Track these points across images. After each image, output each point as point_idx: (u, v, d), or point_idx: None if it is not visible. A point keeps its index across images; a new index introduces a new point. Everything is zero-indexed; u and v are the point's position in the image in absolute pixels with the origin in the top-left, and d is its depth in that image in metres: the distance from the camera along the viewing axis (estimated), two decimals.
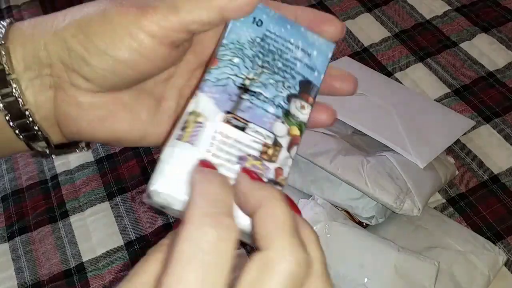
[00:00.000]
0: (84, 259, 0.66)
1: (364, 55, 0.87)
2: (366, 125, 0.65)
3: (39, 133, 0.27)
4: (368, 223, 0.62)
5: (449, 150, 0.71)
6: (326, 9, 0.96)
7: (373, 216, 0.61)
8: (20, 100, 0.26)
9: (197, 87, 0.26)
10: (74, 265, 0.65)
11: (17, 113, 0.26)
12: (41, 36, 0.26)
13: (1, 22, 0.27)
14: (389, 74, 0.83)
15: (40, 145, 0.28)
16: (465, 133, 0.73)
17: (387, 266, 0.54)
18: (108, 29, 0.25)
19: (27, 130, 0.27)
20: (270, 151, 0.25)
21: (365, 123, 0.65)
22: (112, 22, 0.25)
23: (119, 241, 0.67)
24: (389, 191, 0.58)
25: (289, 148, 0.26)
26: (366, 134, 0.65)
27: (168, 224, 0.68)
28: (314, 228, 0.57)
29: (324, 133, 0.65)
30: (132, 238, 0.67)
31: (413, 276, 0.54)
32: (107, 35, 0.24)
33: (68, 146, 0.30)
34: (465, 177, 0.70)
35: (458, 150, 0.73)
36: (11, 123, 0.26)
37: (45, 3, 1.04)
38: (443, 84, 0.81)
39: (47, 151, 0.28)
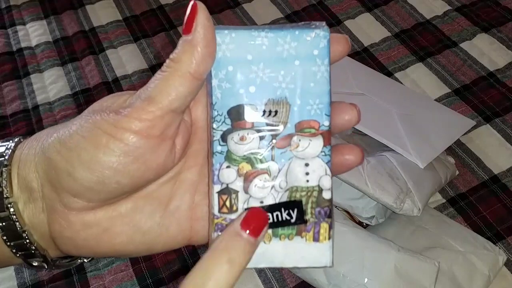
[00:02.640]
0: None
1: (364, 55, 0.87)
2: (366, 125, 0.65)
3: (37, 252, 0.26)
4: (368, 223, 0.62)
5: (449, 150, 0.71)
6: (326, 9, 0.96)
7: (373, 216, 0.61)
8: (18, 223, 0.25)
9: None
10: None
11: (14, 234, 0.26)
12: (33, 157, 0.25)
13: (11, 141, 0.27)
14: (389, 74, 0.83)
15: (38, 261, 0.27)
16: (465, 133, 0.73)
17: (387, 266, 0.54)
18: (89, 137, 0.24)
19: (25, 249, 0.26)
20: (227, 203, 0.25)
21: (365, 123, 0.65)
22: (92, 130, 0.24)
23: None
24: (389, 191, 0.58)
25: (246, 189, 0.25)
26: (366, 134, 0.65)
27: None
28: None
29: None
30: None
31: (413, 276, 0.54)
32: (90, 144, 0.23)
33: (70, 257, 0.29)
34: (465, 177, 0.70)
35: (458, 150, 0.72)
36: (8, 243, 0.26)
37: (45, 3, 1.04)
38: (443, 84, 0.81)
39: (45, 266, 0.28)
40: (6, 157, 0.26)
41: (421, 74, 0.83)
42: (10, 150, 0.26)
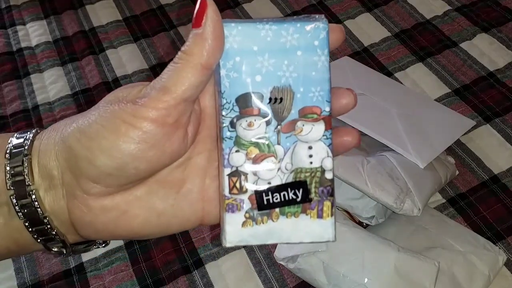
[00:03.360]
0: (84, 259, 0.66)
1: (364, 55, 0.87)
2: (366, 125, 0.65)
3: (57, 237, 0.28)
4: (368, 223, 0.62)
5: (449, 150, 0.71)
6: (326, 9, 0.96)
7: (373, 216, 0.61)
8: (40, 210, 0.27)
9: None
10: (74, 265, 0.65)
11: (36, 220, 0.27)
12: (52, 146, 0.27)
13: (28, 133, 0.28)
14: (389, 74, 0.83)
15: (57, 246, 0.29)
16: (465, 133, 0.73)
17: (387, 266, 0.54)
18: (109, 126, 0.25)
19: (45, 234, 0.28)
20: (237, 184, 0.27)
21: (365, 123, 0.65)
22: (111, 119, 0.25)
23: (119, 241, 0.67)
24: (389, 191, 0.58)
25: (255, 171, 0.27)
26: (366, 134, 0.65)
27: None
28: None
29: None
30: None
31: (413, 276, 0.54)
32: (110, 133, 0.25)
33: (86, 242, 0.30)
34: (465, 177, 0.70)
35: (458, 150, 0.72)
36: (30, 229, 0.27)
37: (45, 3, 1.04)
38: (443, 84, 0.81)
39: (64, 251, 0.29)
40: (26, 147, 0.27)
41: (421, 74, 0.83)
42: (29, 141, 0.27)
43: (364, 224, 0.63)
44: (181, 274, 0.63)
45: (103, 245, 0.31)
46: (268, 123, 0.27)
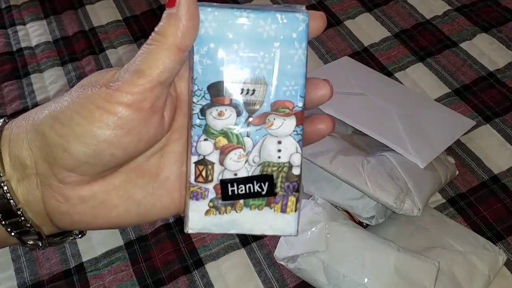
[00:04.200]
0: (84, 259, 0.66)
1: (364, 55, 0.87)
2: (366, 125, 0.65)
3: (32, 229, 0.27)
4: (368, 223, 0.62)
5: (449, 150, 0.71)
6: (326, 9, 0.96)
7: (373, 216, 0.61)
8: (12, 201, 0.26)
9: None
10: (74, 265, 0.65)
11: (9, 213, 0.26)
12: (24, 135, 0.26)
13: None
14: (389, 74, 0.83)
15: (33, 239, 0.28)
16: (465, 133, 0.73)
17: (387, 266, 0.54)
18: (83, 112, 0.24)
19: (20, 227, 0.27)
20: (203, 173, 0.26)
21: (365, 123, 0.65)
22: (85, 105, 0.24)
23: (118, 241, 0.67)
24: (389, 191, 0.58)
25: (221, 161, 0.26)
26: (366, 134, 0.65)
27: (168, 225, 0.68)
28: (314, 228, 0.57)
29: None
30: (132, 238, 0.67)
31: (413, 276, 0.54)
32: (83, 118, 0.24)
33: (62, 234, 0.30)
34: (465, 177, 0.70)
35: (458, 150, 0.72)
36: (3, 222, 0.26)
37: (45, 3, 1.04)
38: (443, 84, 0.81)
39: (40, 244, 0.28)
40: None
41: (421, 74, 0.83)
42: None
43: (364, 224, 0.63)
44: (181, 274, 0.63)
45: (80, 236, 0.31)
46: (238, 114, 0.26)
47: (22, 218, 0.26)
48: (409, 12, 0.93)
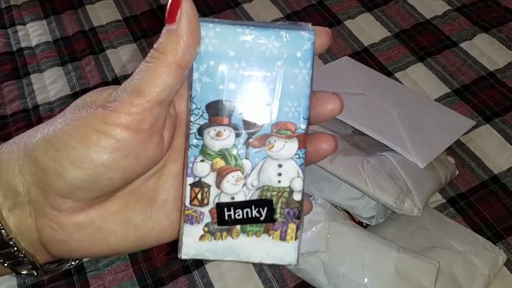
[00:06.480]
0: (84, 259, 0.66)
1: (364, 55, 0.87)
2: (366, 125, 0.65)
3: (25, 259, 0.26)
4: (368, 223, 0.62)
5: (449, 150, 0.71)
6: (326, 9, 0.96)
7: (373, 216, 0.61)
8: (4, 231, 0.24)
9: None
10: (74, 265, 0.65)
11: (0, 243, 0.25)
12: (15, 160, 0.24)
13: None
14: (389, 74, 0.83)
15: (27, 268, 0.27)
16: (465, 133, 0.73)
17: (387, 266, 0.54)
18: (78, 135, 0.23)
19: (12, 258, 0.25)
20: (199, 196, 0.25)
21: (365, 123, 0.65)
22: (80, 127, 0.23)
23: None
24: (389, 191, 0.58)
25: (218, 184, 0.25)
26: (366, 134, 0.65)
27: None
28: (314, 228, 0.57)
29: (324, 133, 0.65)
30: None
31: (413, 276, 0.54)
32: (79, 141, 0.23)
33: (57, 261, 0.28)
34: (465, 177, 0.70)
35: (458, 150, 0.72)
36: None
37: (45, 3, 1.04)
38: (443, 84, 0.81)
39: (35, 273, 0.27)
40: None
41: (421, 74, 0.83)
42: None
43: (364, 224, 0.63)
44: (181, 274, 0.63)
45: (77, 261, 0.30)
46: (237, 134, 0.25)
47: (15, 249, 0.25)
48: (409, 12, 0.93)
